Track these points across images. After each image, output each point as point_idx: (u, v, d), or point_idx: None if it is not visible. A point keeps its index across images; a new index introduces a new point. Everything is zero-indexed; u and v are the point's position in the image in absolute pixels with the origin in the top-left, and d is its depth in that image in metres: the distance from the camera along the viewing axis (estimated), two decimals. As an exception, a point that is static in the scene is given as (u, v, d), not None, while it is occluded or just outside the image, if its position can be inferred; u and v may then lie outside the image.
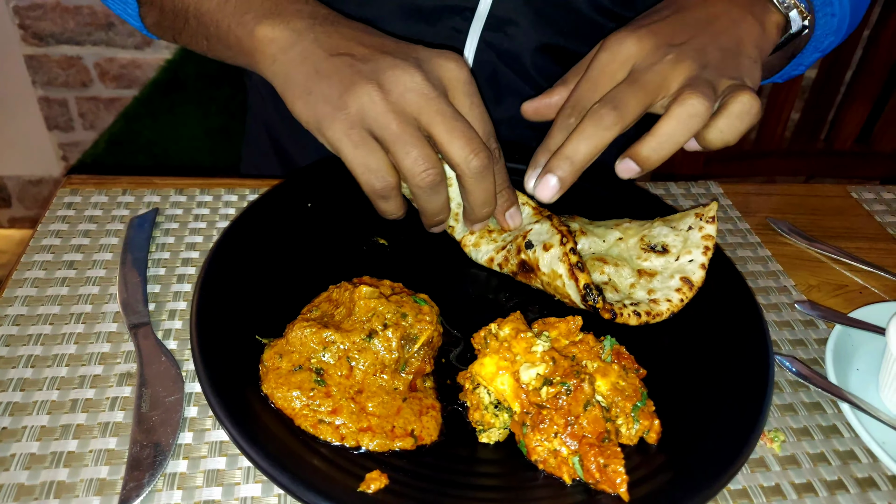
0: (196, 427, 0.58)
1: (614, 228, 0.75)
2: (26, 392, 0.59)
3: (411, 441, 0.55)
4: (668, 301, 0.67)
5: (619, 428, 0.57)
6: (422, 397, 0.59)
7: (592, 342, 0.60)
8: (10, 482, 0.52)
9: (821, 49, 0.83)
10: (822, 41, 0.81)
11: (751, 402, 0.60)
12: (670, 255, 0.70)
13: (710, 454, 0.55)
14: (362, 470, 0.52)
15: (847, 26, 0.83)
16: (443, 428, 0.57)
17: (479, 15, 0.89)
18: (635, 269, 0.71)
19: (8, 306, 0.67)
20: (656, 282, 0.69)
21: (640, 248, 0.72)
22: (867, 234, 0.93)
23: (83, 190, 0.82)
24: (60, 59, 2.18)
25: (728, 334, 0.67)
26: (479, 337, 0.61)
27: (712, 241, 0.70)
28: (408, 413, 0.56)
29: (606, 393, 0.57)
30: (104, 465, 0.54)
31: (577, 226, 0.75)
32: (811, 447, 0.63)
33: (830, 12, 0.78)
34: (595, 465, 0.52)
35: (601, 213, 0.79)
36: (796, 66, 0.87)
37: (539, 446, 0.54)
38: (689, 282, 0.68)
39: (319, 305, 0.63)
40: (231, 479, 0.55)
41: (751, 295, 0.71)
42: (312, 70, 0.62)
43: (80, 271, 0.72)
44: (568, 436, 0.53)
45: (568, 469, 0.53)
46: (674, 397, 0.61)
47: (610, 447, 0.53)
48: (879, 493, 0.59)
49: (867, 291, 0.82)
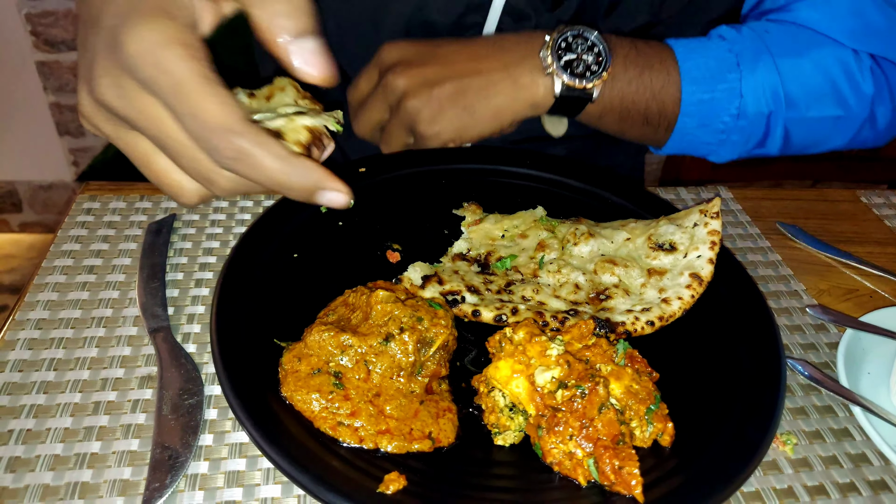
0: (216, 429, 0.59)
1: (621, 229, 0.76)
2: (50, 395, 0.60)
3: (429, 443, 0.56)
4: (679, 299, 0.68)
5: (633, 430, 0.57)
6: (438, 400, 0.59)
7: (606, 346, 0.60)
8: (35, 483, 0.54)
9: (719, 130, 0.89)
10: (712, 121, 0.87)
11: (763, 406, 0.60)
12: (678, 252, 0.72)
13: (724, 457, 0.56)
14: (381, 471, 0.53)
15: (767, 144, 0.90)
16: (459, 430, 0.58)
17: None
18: (645, 268, 0.72)
19: (30, 311, 0.68)
20: (666, 280, 0.70)
21: (648, 247, 0.73)
22: (877, 239, 0.93)
23: (101, 196, 0.84)
24: (72, 65, 2.20)
25: (740, 337, 0.68)
26: (494, 341, 0.61)
27: (718, 235, 0.71)
28: (425, 416, 0.57)
29: (620, 396, 0.57)
30: (127, 466, 0.55)
31: (585, 228, 0.76)
32: (823, 450, 0.63)
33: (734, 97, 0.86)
34: (610, 466, 0.53)
35: (604, 216, 0.81)
36: (700, 145, 0.92)
37: (554, 448, 0.54)
38: (698, 277, 0.69)
39: (336, 309, 0.64)
40: (251, 480, 0.56)
41: (762, 298, 0.71)
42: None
43: (100, 276, 0.73)
44: (583, 438, 0.54)
45: (583, 471, 0.54)
46: (687, 400, 0.61)
47: (625, 449, 0.53)
48: (891, 495, 0.60)
49: (877, 296, 0.83)
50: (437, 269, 0.73)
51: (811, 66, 0.87)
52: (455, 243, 0.77)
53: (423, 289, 0.69)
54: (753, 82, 0.85)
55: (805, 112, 0.87)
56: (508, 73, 0.83)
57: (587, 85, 0.82)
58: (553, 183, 0.87)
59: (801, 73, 0.86)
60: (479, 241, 0.78)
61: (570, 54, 0.82)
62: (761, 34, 0.88)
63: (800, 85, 0.86)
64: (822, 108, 0.88)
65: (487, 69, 0.83)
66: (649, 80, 0.85)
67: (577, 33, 0.82)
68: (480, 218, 0.80)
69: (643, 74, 0.85)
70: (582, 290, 0.71)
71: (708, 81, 0.85)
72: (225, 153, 0.48)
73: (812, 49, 0.87)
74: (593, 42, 0.82)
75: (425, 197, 0.83)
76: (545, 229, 0.77)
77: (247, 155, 0.48)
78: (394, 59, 0.84)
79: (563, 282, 0.71)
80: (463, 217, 0.81)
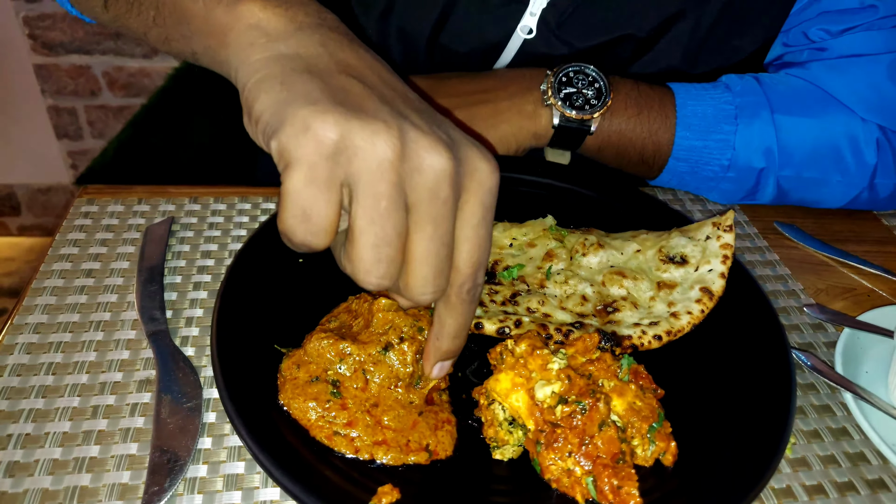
0: (215, 432, 0.59)
1: (631, 240, 0.75)
2: (48, 399, 0.60)
3: (426, 455, 0.55)
4: (688, 313, 0.67)
5: (634, 449, 0.56)
6: (438, 411, 0.59)
7: (610, 360, 0.59)
8: (34, 487, 0.54)
9: (707, 178, 0.90)
10: (702, 168, 0.88)
11: (771, 429, 0.59)
12: (689, 265, 0.70)
13: (727, 480, 0.54)
14: (375, 483, 0.52)
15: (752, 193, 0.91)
16: (458, 443, 0.57)
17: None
18: (654, 281, 0.71)
19: (29, 315, 0.68)
20: (676, 293, 0.69)
21: (658, 259, 0.72)
22: (874, 238, 0.93)
23: (99, 199, 0.84)
24: (69, 68, 2.20)
25: (749, 355, 0.66)
26: (496, 352, 0.60)
27: (731, 249, 0.70)
28: (423, 427, 0.57)
29: (622, 413, 0.56)
30: (126, 470, 0.55)
31: (595, 238, 0.75)
32: (821, 449, 0.63)
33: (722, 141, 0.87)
34: (609, 486, 0.51)
35: (616, 226, 0.80)
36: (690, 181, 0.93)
37: (553, 465, 0.53)
38: (708, 292, 0.68)
39: (338, 316, 0.64)
40: (250, 484, 0.56)
41: (775, 316, 0.69)
42: (303, 68, 0.47)
43: (98, 280, 0.73)
44: (582, 455, 0.53)
45: (581, 489, 0.53)
46: (692, 419, 0.60)
47: (624, 468, 0.52)
48: (890, 494, 0.60)
49: (875, 294, 0.83)
50: None
51: (814, 127, 0.87)
52: None
53: None
54: (748, 136, 0.86)
55: (800, 171, 0.88)
56: (513, 103, 0.86)
57: (585, 117, 0.84)
58: (565, 192, 0.87)
59: (802, 132, 0.87)
60: None
61: (570, 88, 0.85)
62: (769, 87, 0.88)
63: (798, 145, 0.87)
64: (819, 171, 0.88)
65: (494, 99, 0.87)
66: (647, 119, 0.87)
67: (577, 69, 0.86)
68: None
69: (641, 114, 0.87)
70: (589, 301, 0.69)
71: (703, 130, 0.87)
72: (467, 287, 0.50)
73: (820, 111, 0.88)
74: (594, 77, 0.85)
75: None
76: (554, 239, 0.76)
77: (475, 299, 0.51)
78: None
79: (570, 293, 0.70)
80: None
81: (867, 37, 0.86)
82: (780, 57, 0.96)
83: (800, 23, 0.91)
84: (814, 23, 0.89)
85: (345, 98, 0.46)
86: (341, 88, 0.46)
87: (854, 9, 0.86)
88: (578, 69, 0.86)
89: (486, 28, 0.93)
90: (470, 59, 0.95)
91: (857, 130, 0.87)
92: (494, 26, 0.92)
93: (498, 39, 0.93)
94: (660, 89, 0.89)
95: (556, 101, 0.85)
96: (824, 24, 0.89)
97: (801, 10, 0.90)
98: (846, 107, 0.87)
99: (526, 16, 0.90)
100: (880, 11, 0.85)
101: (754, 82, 0.89)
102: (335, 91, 0.46)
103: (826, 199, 0.93)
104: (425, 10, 0.92)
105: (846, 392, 0.66)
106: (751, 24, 0.91)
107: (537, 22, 0.90)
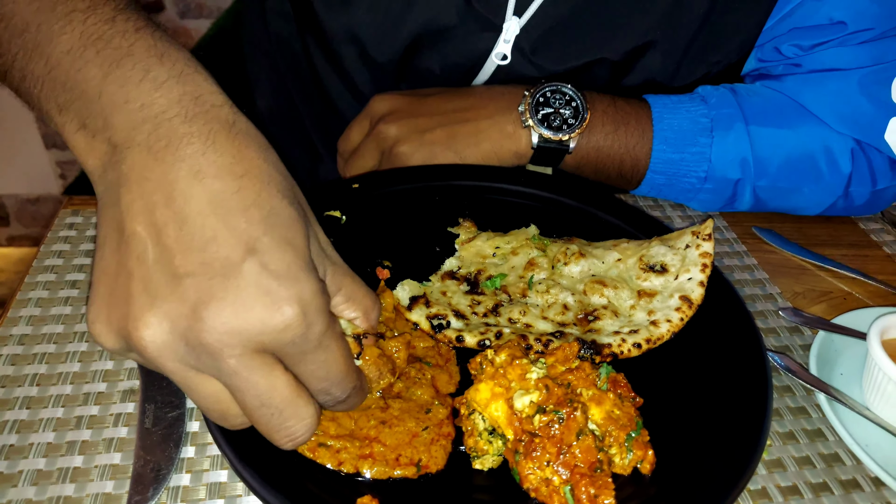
0: (198, 441, 0.60)
1: (612, 249, 0.76)
2: (32, 410, 0.61)
3: (413, 469, 0.55)
4: (668, 321, 0.68)
5: (612, 457, 0.56)
6: (441, 425, 0.59)
7: (589, 369, 0.59)
8: (18, 498, 0.54)
9: (687, 189, 0.92)
10: (679, 180, 0.90)
11: (747, 437, 0.59)
12: (669, 274, 0.71)
13: (704, 487, 0.55)
14: (354, 494, 0.52)
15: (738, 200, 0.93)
16: (450, 455, 0.57)
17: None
18: (635, 289, 0.71)
19: (13, 326, 0.68)
20: (656, 302, 0.70)
21: (639, 268, 0.73)
22: (851, 241, 0.95)
23: (84, 210, 0.84)
24: (58, 78, 2.20)
25: (727, 364, 0.66)
26: (475, 362, 0.61)
27: (710, 258, 0.71)
28: (419, 443, 0.56)
29: (601, 422, 0.56)
30: (109, 479, 0.56)
31: (576, 247, 0.76)
32: (796, 451, 0.65)
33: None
34: (586, 495, 0.52)
35: (598, 235, 0.80)
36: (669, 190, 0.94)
37: (531, 474, 0.54)
38: (688, 300, 0.69)
39: None
40: (233, 492, 0.56)
41: (753, 324, 0.69)
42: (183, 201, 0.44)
43: (83, 290, 0.73)
44: (560, 464, 0.53)
45: (559, 498, 0.53)
46: (670, 427, 0.60)
47: (601, 477, 0.53)
48: (863, 494, 0.61)
49: (851, 297, 0.84)
50: (426, 288, 0.72)
51: (789, 138, 0.89)
52: (446, 261, 0.77)
53: (411, 311, 0.69)
54: (723, 148, 0.88)
55: (776, 181, 0.90)
56: (494, 122, 0.88)
57: (563, 137, 0.86)
58: (548, 201, 0.87)
59: (776, 143, 0.89)
60: (470, 259, 0.77)
61: (548, 108, 0.86)
62: (744, 99, 0.90)
63: (773, 155, 0.89)
64: (794, 180, 0.90)
65: (475, 117, 0.88)
66: (624, 135, 0.88)
67: (554, 88, 0.87)
68: (474, 235, 0.80)
69: (619, 130, 0.88)
70: (570, 310, 0.70)
71: (679, 143, 0.88)
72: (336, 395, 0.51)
73: (794, 122, 0.89)
74: (571, 96, 0.87)
75: (418, 214, 0.83)
76: (536, 248, 0.77)
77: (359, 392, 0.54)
78: (385, 109, 0.89)
79: (552, 302, 0.71)
80: (457, 234, 0.81)
81: (838, 52, 0.88)
82: (757, 70, 0.98)
83: (772, 38, 0.93)
84: (786, 38, 0.91)
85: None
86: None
87: (823, 25, 0.88)
88: (555, 88, 0.87)
89: (460, 55, 0.94)
90: (444, 83, 0.97)
91: (832, 140, 0.89)
92: (468, 54, 0.94)
93: (472, 65, 0.95)
94: (636, 103, 0.90)
95: (533, 123, 0.86)
96: (796, 39, 0.91)
97: (774, 27, 0.92)
98: (821, 120, 0.89)
99: (500, 43, 0.92)
100: (849, 27, 0.86)
101: (730, 94, 0.91)
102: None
103: (803, 207, 0.95)
104: (396, 38, 0.94)
105: (820, 393, 0.67)
106: (727, 39, 0.93)
107: (511, 48, 0.92)
